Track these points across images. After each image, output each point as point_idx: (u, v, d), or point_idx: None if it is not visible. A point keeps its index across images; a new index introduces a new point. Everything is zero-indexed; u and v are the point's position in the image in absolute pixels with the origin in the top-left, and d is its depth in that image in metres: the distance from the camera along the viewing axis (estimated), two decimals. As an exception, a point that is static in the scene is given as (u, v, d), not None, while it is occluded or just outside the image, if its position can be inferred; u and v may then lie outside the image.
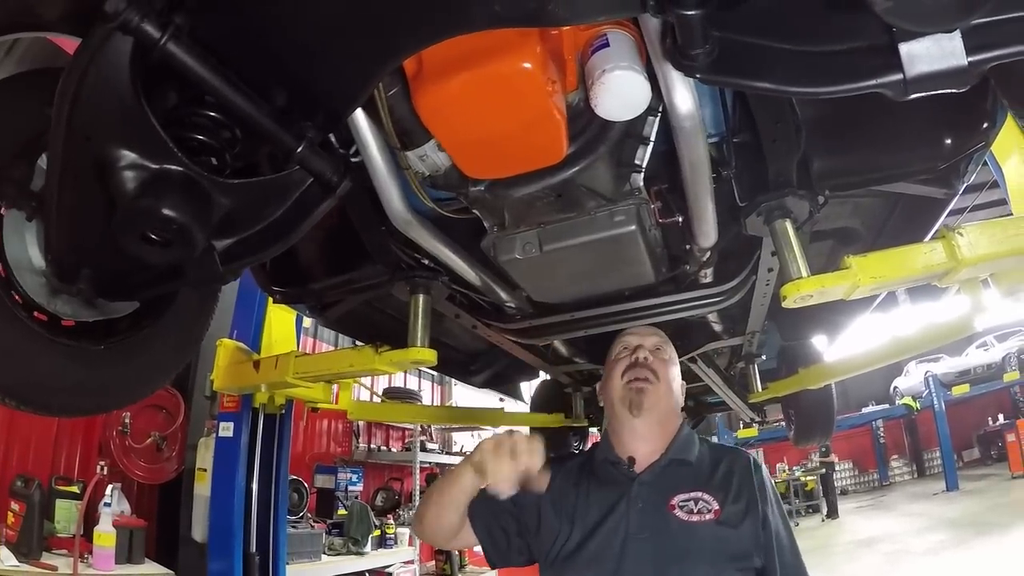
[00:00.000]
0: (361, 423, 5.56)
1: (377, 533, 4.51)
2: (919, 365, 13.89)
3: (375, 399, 5.04)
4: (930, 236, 1.59)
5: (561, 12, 0.79)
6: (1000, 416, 13.82)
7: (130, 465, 3.37)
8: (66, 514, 2.92)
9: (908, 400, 13.88)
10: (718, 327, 2.34)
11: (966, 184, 1.39)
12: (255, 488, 2.94)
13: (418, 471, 5.30)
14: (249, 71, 0.95)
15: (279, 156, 1.10)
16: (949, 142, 1.21)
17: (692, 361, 2.59)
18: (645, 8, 0.78)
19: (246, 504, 2.90)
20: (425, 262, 1.66)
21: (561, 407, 4.10)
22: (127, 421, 3.36)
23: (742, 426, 11.25)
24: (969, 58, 0.77)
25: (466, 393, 6.33)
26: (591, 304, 1.77)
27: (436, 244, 1.43)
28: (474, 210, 1.32)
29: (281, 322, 3.00)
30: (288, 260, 1.73)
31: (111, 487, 2.98)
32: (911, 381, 14.33)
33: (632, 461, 1.39)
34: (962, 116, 1.20)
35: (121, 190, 0.98)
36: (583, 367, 2.87)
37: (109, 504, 2.91)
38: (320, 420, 5.21)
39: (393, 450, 5.91)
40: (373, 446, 5.72)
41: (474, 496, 1.32)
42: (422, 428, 5.86)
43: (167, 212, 0.96)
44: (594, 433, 4.46)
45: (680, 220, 1.38)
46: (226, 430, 2.94)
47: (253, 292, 2.92)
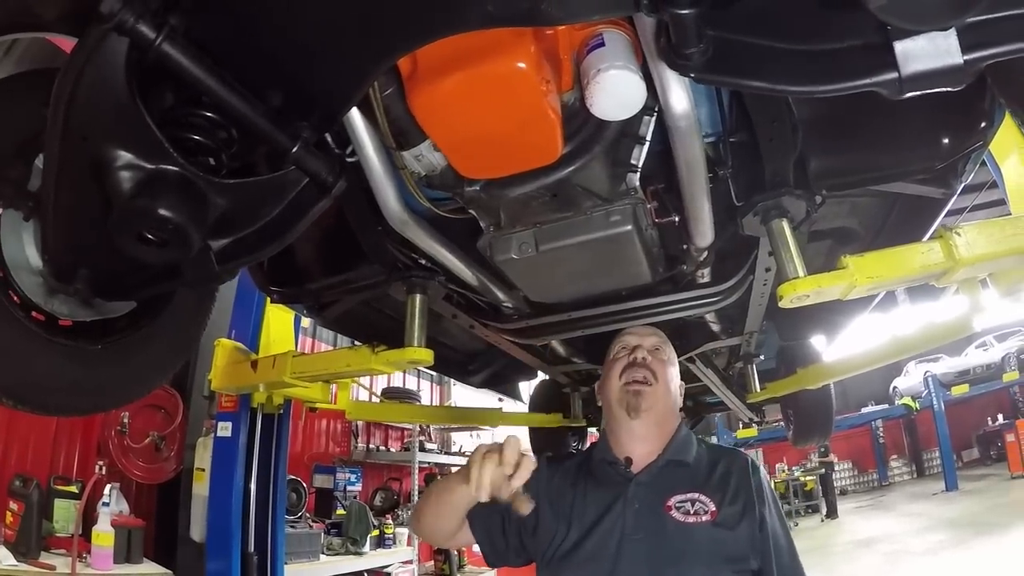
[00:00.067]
0: (360, 423, 5.56)
1: (376, 533, 4.50)
2: (918, 365, 13.88)
3: (374, 399, 5.04)
4: (928, 236, 1.59)
5: (554, 12, 0.78)
6: (999, 416, 13.81)
7: (129, 465, 3.37)
8: (65, 514, 2.92)
9: (907, 400, 13.84)
10: (716, 327, 2.33)
11: (964, 184, 1.38)
12: (253, 488, 2.94)
13: (417, 471, 5.30)
14: (244, 71, 0.94)
15: (276, 156, 1.10)
16: (947, 141, 1.21)
17: (690, 361, 2.58)
18: (639, 7, 0.77)
19: (244, 504, 2.91)
20: (422, 262, 1.65)
21: (559, 407, 4.10)
22: (126, 421, 3.37)
23: (741, 426, 11.23)
24: (964, 56, 0.77)
25: (465, 393, 6.32)
26: (588, 304, 1.77)
27: (432, 244, 1.43)
28: (470, 210, 1.32)
29: (279, 322, 3.00)
30: (286, 260, 1.73)
31: (109, 487, 2.99)
32: (910, 381, 14.30)
33: (629, 461, 1.39)
34: (960, 115, 1.19)
35: (117, 190, 0.98)
36: (581, 367, 2.86)
37: (107, 504, 2.92)
38: (319, 420, 5.21)
39: (392, 450, 5.90)
40: (372, 446, 5.71)
41: (470, 506, 1.30)
42: (421, 428, 5.86)
43: (163, 212, 0.96)
44: (593, 433, 4.45)
45: (676, 220, 1.38)
46: (224, 430, 2.94)
47: (251, 292, 2.92)
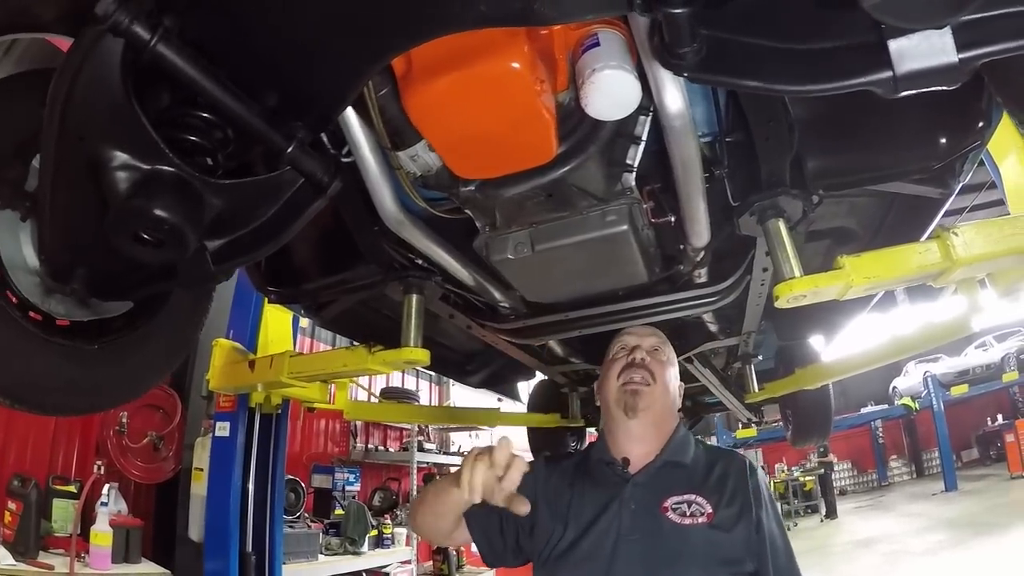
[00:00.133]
0: (358, 423, 5.56)
1: (374, 533, 4.49)
2: (918, 365, 13.88)
3: (372, 399, 5.04)
4: (927, 236, 1.59)
5: (548, 11, 0.78)
6: (999, 416, 13.82)
7: (127, 465, 3.38)
8: (63, 513, 2.91)
9: (907, 400, 13.84)
10: (714, 327, 2.33)
11: (962, 183, 1.38)
12: (251, 488, 2.94)
13: (415, 471, 5.31)
14: (239, 71, 0.95)
15: (272, 156, 1.10)
16: (944, 141, 1.20)
17: (688, 361, 2.58)
18: (632, 7, 0.77)
19: (242, 504, 2.90)
20: (418, 262, 1.65)
21: (558, 407, 4.10)
22: (124, 421, 3.37)
23: (740, 426, 11.23)
24: (960, 55, 0.77)
25: (464, 393, 6.32)
26: (585, 304, 1.77)
27: (429, 244, 1.43)
28: (466, 210, 1.32)
29: (277, 322, 3.00)
30: (283, 260, 1.73)
31: (108, 486, 2.99)
32: (910, 381, 14.31)
33: (626, 462, 1.39)
34: (957, 115, 1.19)
35: (113, 190, 0.98)
36: (579, 367, 2.86)
37: (106, 503, 2.91)
38: (317, 420, 5.21)
39: (390, 450, 5.90)
40: (370, 446, 5.70)
41: (464, 507, 1.28)
42: (420, 428, 5.86)
43: (159, 212, 0.97)
44: (591, 433, 4.45)
45: (673, 220, 1.37)
46: (222, 430, 2.94)
47: (249, 292, 2.91)
